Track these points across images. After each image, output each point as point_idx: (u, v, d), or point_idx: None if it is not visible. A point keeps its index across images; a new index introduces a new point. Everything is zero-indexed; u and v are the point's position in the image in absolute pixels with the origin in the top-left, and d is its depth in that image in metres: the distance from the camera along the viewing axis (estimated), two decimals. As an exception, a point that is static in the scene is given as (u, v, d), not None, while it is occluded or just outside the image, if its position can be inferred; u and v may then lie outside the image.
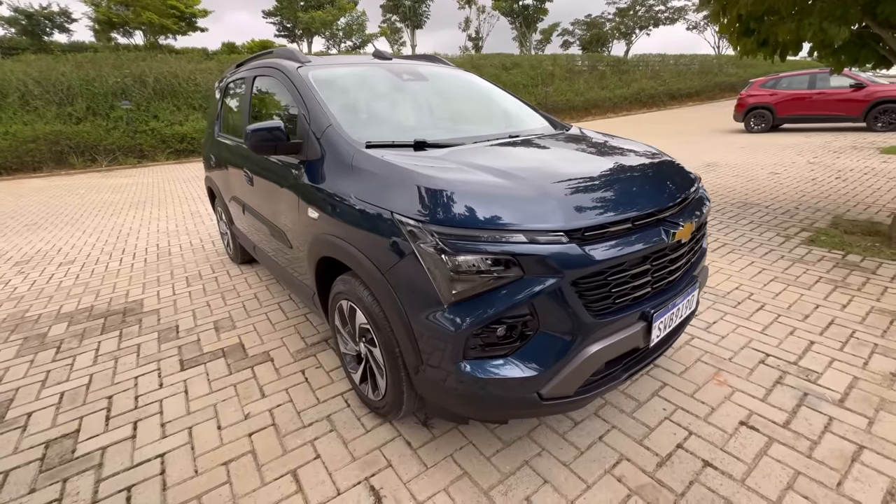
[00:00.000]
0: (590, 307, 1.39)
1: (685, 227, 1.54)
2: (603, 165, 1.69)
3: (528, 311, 1.35)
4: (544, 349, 1.38)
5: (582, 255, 1.31)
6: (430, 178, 1.46)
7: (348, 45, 29.30)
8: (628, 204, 1.47)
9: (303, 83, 2.16)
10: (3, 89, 12.86)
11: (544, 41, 38.20)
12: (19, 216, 6.94)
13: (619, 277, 1.41)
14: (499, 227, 1.31)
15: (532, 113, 2.73)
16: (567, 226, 1.32)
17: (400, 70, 2.52)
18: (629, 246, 1.40)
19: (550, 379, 1.38)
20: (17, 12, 25.81)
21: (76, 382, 2.34)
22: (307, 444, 1.82)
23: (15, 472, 1.76)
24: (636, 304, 1.49)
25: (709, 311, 2.73)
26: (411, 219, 1.39)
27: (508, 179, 1.48)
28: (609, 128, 16.67)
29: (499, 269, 1.31)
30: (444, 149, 1.87)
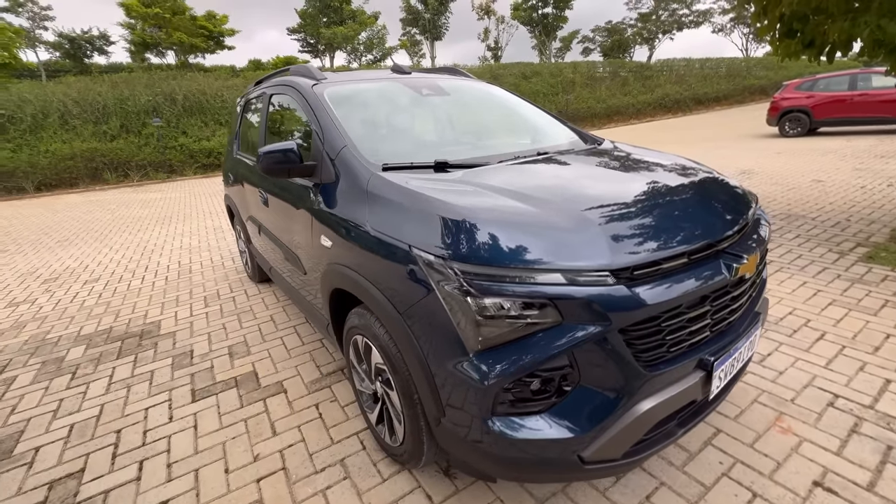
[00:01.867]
0: (640, 357, 1.19)
1: (749, 260, 1.32)
2: (646, 187, 1.50)
3: (567, 363, 1.16)
4: (587, 406, 1.18)
5: (631, 297, 1.12)
6: (453, 207, 1.30)
7: (368, 59, 29.78)
8: (681, 234, 1.27)
9: (317, 101, 2.05)
10: (45, 110, 13.51)
11: (564, 49, 37.93)
12: (53, 232, 7.16)
13: (675, 322, 1.21)
14: (533, 266, 1.14)
15: (560, 126, 2.55)
16: (613, 263, 1.13)
17: (420, 85, 2.39)
18: (686, 285, 1.20)
19: (594, 440, 1.19)
20: (61, 37, 27.41)
21: (87, 413, 2.27)
22: (318, 493, 1.66)
23: (15, 517, 1.66)
24: (693, 351, 1.28)
25: (761, 341, 2.46)
26: (431, 254, 1.23)
27: (541, 207, 1.31)
28: (632, 134, 16.26)
29: (533, 314, 1.13)
30: (467, 169, 1.71)
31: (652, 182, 1.56)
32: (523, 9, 34.28)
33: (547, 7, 34.10)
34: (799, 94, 10.99)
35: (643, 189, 1.49)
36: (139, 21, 21.91)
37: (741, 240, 1.43)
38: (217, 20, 23.48)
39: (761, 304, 1.63)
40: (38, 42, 27.52)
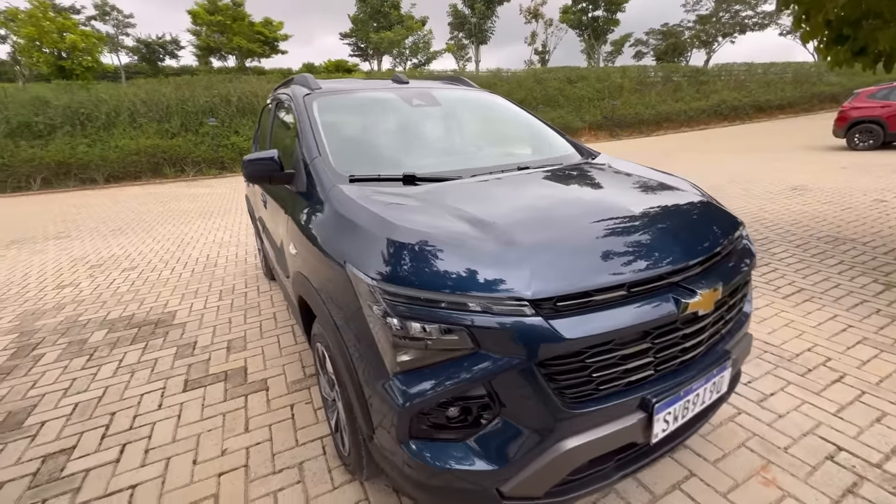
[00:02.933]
0: (564, 393, 1.12)
1: (705, 296, 1.21)
2: (607, 211, 1.41)
3: (485, 393, 1.12)
4: (506, 439, 1.13)
5: (550, 331, 1.06)
6: (387, 226, 1.29)
7: (413, 63, 30.32)
8: (626, 264, 1.18)
9: (304, 111, 2.11)
10: (117, 109, 14.86)
11: (615, 53, 36.61)
12: (110, 221, 7.84)
13: (605, 358, 1.13)
14: (451, 291, 1.11)
15: (556, 140, 2.46)
16: (532, 294, 1.08)
17: (411, 95, 2.40)
18: (619, 319, 1.11)
19: (513, 475, 1.14)
20: (139, 42, 30.05)
21: (92, 394, 2.46)
22: (270, 494, 1.71)
23: (9, 484, 1.83)
24: (632, 390, 1.19)
25: (766, 377, 2.25)
26: (360, 271, 1.23)
27: (479, 229, 1.27)
28: (681, 143, 15.41)
29: (449, 340, 1.10)
30: (434, 184, 1.70)
31: (617, 206, 1.47)
32: (572, 12, 33.47)
33: (597, 10, 33.11)
34: (872, 103, 9.97)
35: (603, 213, 1.41)
36: (204, 27, 23.63)
37: (706, 272, 1.31)
38: (273, 26, 24.85)
39: (737, 342, 1.49)
40: (120, 47, 30.33)
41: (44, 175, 12.92)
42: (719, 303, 1.33)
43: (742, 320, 1.53)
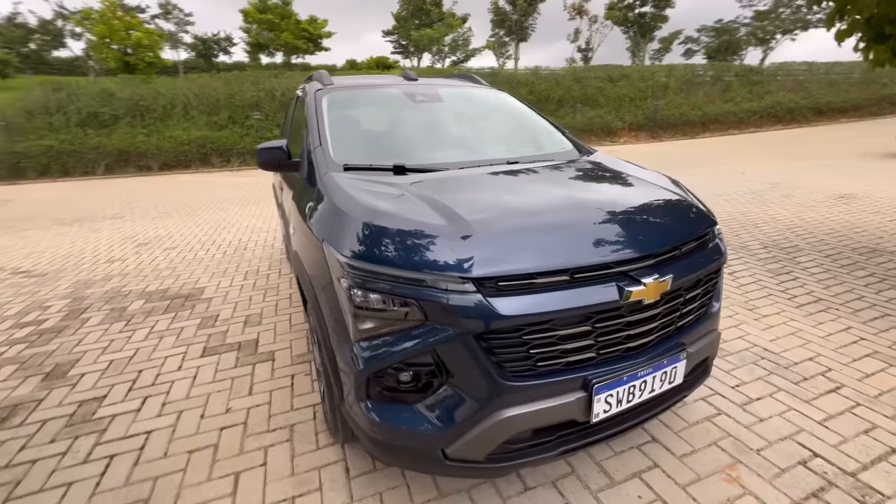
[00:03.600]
0: (503, 366, 1.22)
1: (650, 286, 1.26)
2: (571, 202, 1.49)
3: (432, 361, 1.24)
4: (451, 405, 1.25)
5: (486, 307, 1.16)
6: (358, 209, 1.43)
7: (452, 60, 30.44)
8: (572, 252, 1.26)
9: (314, 105, 2.29)
10: (172, 102, 15.96)
11: (663, 51, 35.13)
12: (161, 205, 8.50)
13: (543, 337, 1.21)
14: (407, 268, 1.23)
15: (555, 137, 2.52)
16: (476, 274, 1.18)
17: (416, 91, 2.53)
18: (557, 302, 1.20)
19: (456, 438, 1.25)
20: (196, 39, 31.95)
21: (125, 354, 2.77)
22: (261, 449, 1.90)
23: (50, 422, 2.14)
24: (572, 370, 1.27)
25: (757, 383, 2.22)
26: (334, 248, 1.38)
27: (443, 216, 1.38)
28: (727, 145, 14.67)
29: (402, 312, 1.22)
30: (421, 174, 1.82)
31: (583, 199, 1.54)
32: (618, 8, 32.38)
33: (645, 6, 31.83)
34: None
35: (567, 205, 1.48)
36: (254, 25, 24.85)
37: (660, 265, 1.35)
38: (318, 24, 25.74)
39: (697, 336, 1.52)
40: (179, 43, 32.37)
41: (107, 161, 14.09)
42: (672, 295, 1.37)
43: (706, 316, 1.56)
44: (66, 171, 13.59)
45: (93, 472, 1.81)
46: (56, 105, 14.78)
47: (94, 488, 1.72)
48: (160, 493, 1.69)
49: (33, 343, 2.96)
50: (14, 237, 6.21)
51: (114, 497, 1.68)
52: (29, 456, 1.91)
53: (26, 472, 1.82)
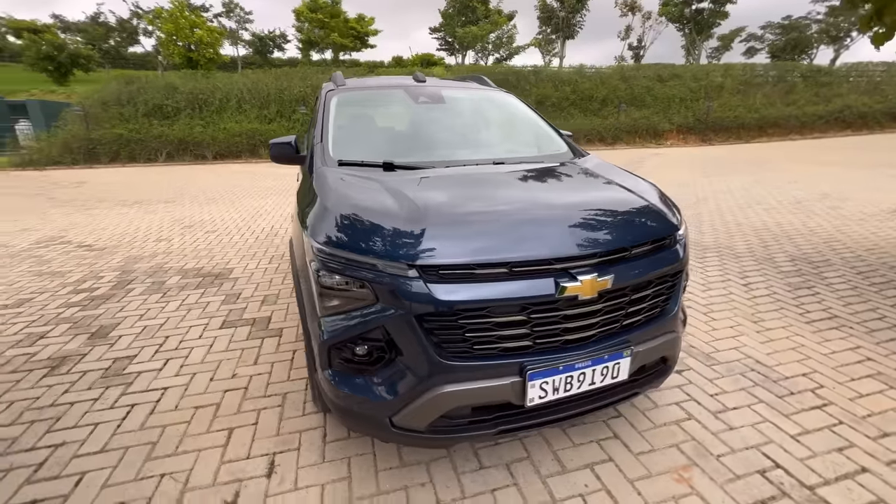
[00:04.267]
0: (442, 346, 1.35)
1: (586, 283, 1.34)
2: (532, 201, 1.59)
3: (382, 338, 1.39)
4: (395, 378, 1.40)
5: (426, 293, 1.29)
6: (333, 200, 1.60)
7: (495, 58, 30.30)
8: (513, 247, 1.37)
9: (323, 104, 2.50)
10: (227, 96, 17.06)
11: (722, 49, 33.11)
12: (208, 192, 9.20)
13: (480, 323, 1.33)
14: (363, 254, 1.39)
15: (551, 140, 2.60)
16: (419, 261, 1.32)
17: (420, 93, 2.68)
18: (493, 292, 1.31)
19: (401, 408, 1.39)
20: (254, 36, 33.74)
21: (158, 321, 3.14)
22: (255, 411, 2.14)
23: (89, 373, 2.49)
24: (508, 356, 1.38)
25: (738, 393, 2.20)
26: (309, 234, 1.56)
27: (406, 209, 1.53)
28: (785, 151, 13.74)
29: (360, 293, 1.38)
30: (407, 171, 1.97)
31: (546, 199, 1.63)
32: (674, 4, 30.84)
33: (703, 2, 30.10)
34: None
35: (526, 204, 1.58)
36: (306, 23, 25.97)
37: (605, 264, 1.43)
38: (365, 22, 26.51)
39: (649, 337, 1.57)
40: (239, 40, 34.35)
41: (168, 150, 15.30)
42: (615, 294, 1.44)
43: (659, 317, 1.60)
44: (132, 157, 14.90)
45: (116, 416, 2.11)
46: (127, 97, 16.21)
47: (115, 429, 2.02)
48: (166, 438, 1.96)
49: (85, 307, 3.41)
50: (83, 215, 6.98)
51: (129, 437, 1.97)
52: (69, 399, 2.26)
53: (66, 411, 2.16)
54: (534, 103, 19.12)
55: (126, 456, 1.86)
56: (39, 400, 2.25)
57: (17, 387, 2.37)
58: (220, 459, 1.83)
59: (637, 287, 1.50)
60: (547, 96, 19.23)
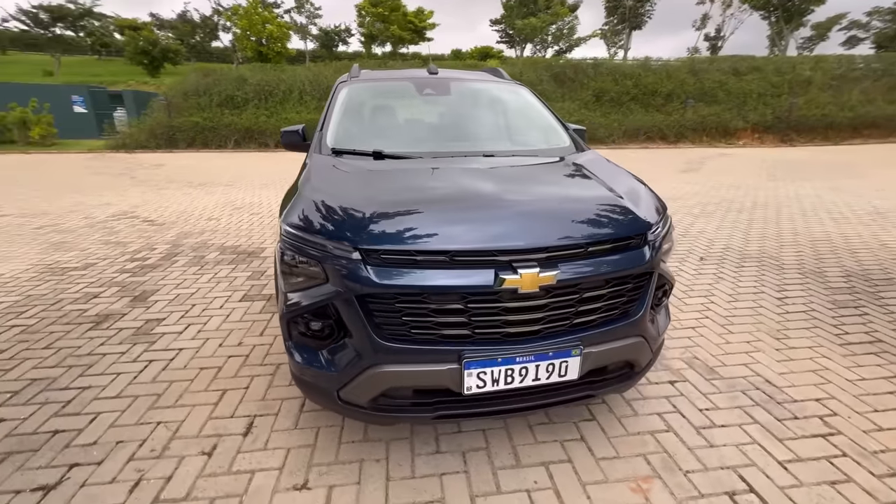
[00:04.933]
0: (382, 328, 1.40)
1: (525, 277, 1.33)
2: (487, 194, 1.60)
3: (332, 315, 1.47)
4: (343, 353, 1.48)
5: (365, 275, 1.35)
6: (304, 185, 1.71)
7: (555, 50, 29.33)
8: (457, 237, 1.39)
9: (332, 95, 2.63)
10: (290, 87, 18.08)
11: (817, 38, 29.54)
12: (264, 177, 9.88)
13: (417, 308, 1.37)
14: (316, 235, 1.48)
15: (555, 134, 2.53)
16: (363, 245, 1.38)
17: (427, 85, 2.72)
18: (430, 279, 1.34)
19: (345, 383, 1.48)
20: (320, 31, 35.32)
21: (189, 290, 3.48)
22: (250, 377, 2.33)
23: (124, 330, 2.84)
24: (446, 343, 1.40)
25: (732, 411, 2.05)
26: (280, 216, 1.68)
27: (365, 195, 1.60)
28: (882, 155, 12.10)
29: (313, 272, 1.48)
30: (393, 160, 2.05)
31: (509, 191, 1.63)
32: (762, -11, 27.95)
33: (794, -13, 26.99)
34: None
35: (483, 195, 1.59)
36: (368, 17, 26.79)
37: (554, 259, 1.40)
38: (423, 15, 26.80)
39: (608, 340, 1.52)
40: (308, 35, 36.14)
41: (236, 137, 16.56)
42: (564, 291, 1.41)
43: (620, 320, 1.54)
44: (205, 143, 16.30)
45: (135, 369, 2.40)
46: (203, 88, 17.69)
47: (131, 380, 2.31)
48: (170, 392, 2.20)
49: (135, 273, 3.85)
50: (155, 194, 7.79)
51: (141, 388, 2.24)
52: (103, 350, 2.60)
53: (97, 360, 2.49)
54: (591, 98, 18.36)
55: (134, 403, 2.12)
56: (80, 349, 2.61)
57: (67, 336, 2.75)
58: (208, 415, 2.03)
59: (591, 286, 1.45)
60: (605, 90, 18.36)
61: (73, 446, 1.84)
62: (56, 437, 1.90)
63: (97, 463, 1.75)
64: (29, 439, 1.88)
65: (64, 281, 3.68)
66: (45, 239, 4.91)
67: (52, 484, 1.65)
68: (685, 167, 10.98)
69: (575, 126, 2.75)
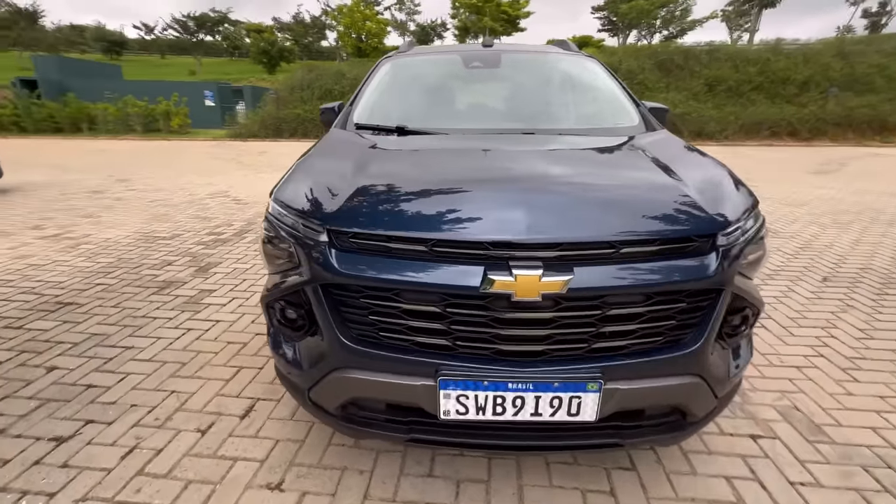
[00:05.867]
0: (348, 327, 1.18)
1: (521, 280, 0.99)
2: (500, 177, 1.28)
3: (303, 305, 1.29)
4: (310, 350, 1.29)
5: (329, 260, 1.13)
6: (302, 159, 1.54)
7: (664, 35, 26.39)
8: (443, 223, 1.10)
9: (371, 71, 2.47)
10: (382, 81, 18.80)
11: None
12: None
13: (385, 307, 1.11)
14: (291, 212, 1.31)
15: (622, 112, 2.09)
16: (330, 224, 1.16)
17: (475, 57, 2.42)
18: (400, 271, 1.07)
19: (314, 383, 1.29)
20: (417, 26, 36.32)
21: (246, 266, 3.64)
22: (267, 357, 2.29)
23: (179, 298, 3.03)
24: (421, 353, 1.13)
25: (843, 493, 1.47)
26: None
27: (352, 172, 1.39)
28: None
29: (285, 252, 1.31)
30: (415, 135, 1.83)
31: (532, 173, 1.29)
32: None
33: None
34: None
35: (496, 178, 1.28)
36: (462, 10, 26.76)
37: (569, 260, 1.04)
38: (519, 4, 25.94)
39: (645, 376, 1.11)
40: (406, 31, 37.41)
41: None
42: (581, 304, 1.05)
43: (668, 351, 1.12)
44: (305, 133, 17.67)
45: (173, 335, 2.51)
46: (307, 83, 19.17)
47: (166, 345, 2.41)
48: (193, 363, 2.25)
49: (208, 246, 4.16)
50: (252, 177, 8.56)
51: (171, 354, 2.32)
52: (155, 314, 2.77)
53: (147, 323, 2.66)
54: (702, 87, 16.17)
55: (160, 369, 2.19)
56: (139, 311, 2.82)
57: (133, 298, 3.01)
58: (217, 391, 2.02)
59: (623, 300, 1.07)
60: (721, 79, 16.06)
61: (96, 402, 1.94)
62: (87, 391, 2.02)
63: (108, 423, 1.81)
64: (67, 389, 2.03)
65: (151, 248, 4.10)
66: (153, 211, 5.59)
67: (65, 437, 1.73)
68: (819, 168, 9.10)
69: (653, 104, 2.25)
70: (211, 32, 48.68)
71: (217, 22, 45.41)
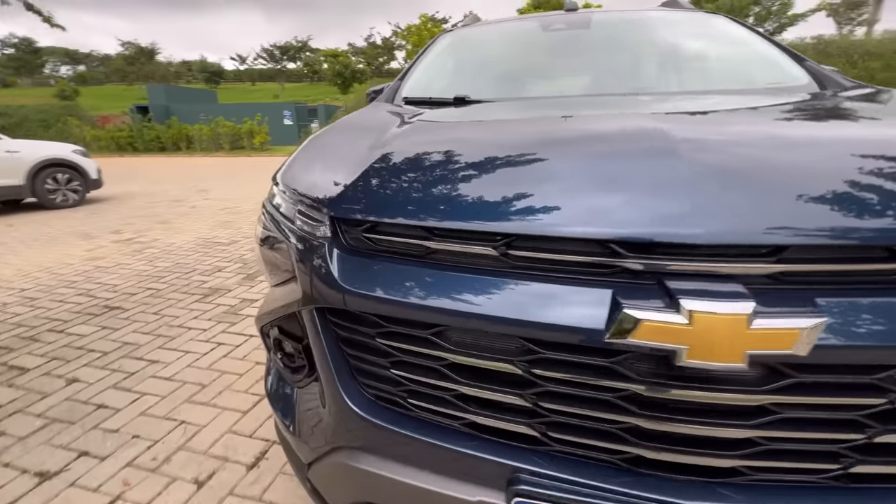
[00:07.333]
0: (356, 380, 0.71)
1: (710, 322, 0.45)
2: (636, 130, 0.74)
3: (300, 335, 0.85)
4: (308, 404, 0.84)
5: (326, 263, 0.67)
6: (317, 134, 1.14)
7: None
8: (541, 213, 0.59)
9: (425, 47, 2.06)
10: (447, 94, 18.91)
11: None
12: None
13: (415, 352, 0.62)
14: (291, 193, 0.89)
15: (778, 69, 1.45)
16: (335, 211, 0.71)
17: (556, 21, 1.91)
18: (446, 292, 0.58)
19: (314, 457, 0.83)
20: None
21: (292, 275, 3.39)
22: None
23: (221, 306, 2.80)
24: (483, 443, 0.62)
25: None
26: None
27: (370, 140, 0.95)
28: None
29: (279, 253, 0.88)
30: (473, 105, 1.37)
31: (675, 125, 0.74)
32: None
33: None
34: None
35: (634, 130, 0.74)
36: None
37: (810, 286, 0.49)
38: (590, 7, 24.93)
39: None
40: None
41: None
42: (843, 384, 0.47)
43: None
44: (371, 148, 18.22)
45: (202, 350, 2.24)
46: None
47: (192, 361, 2.13)
48: (214, 385, 1.93)
49: (260, 253, 4.01)
50: (315, 187, 8.69)
51: (193, 374, 2.02)
52: (192, 324, 2.55)
53: (181, 334, 2.43)
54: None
55: (177, 391, 1.90)
56: (177, 319, 2.62)
57: (175, 305, 2.84)
58: (229, 426, 1.66)
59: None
60: (834, 76, 13.86)
61: (99, 428, 1.67)
62: (96, 412, 1.76)
63: (101, 458, 1.51)
64: (77, 408, 1.79)
65: (209, 253, 4.04)
66: (219, 219, 5.70)
67: (52, 472, 1.45)
68: None
69: (824, 67, 1.58)
70: (293, 59, 53.14)
71: (299, 49, 49.53)
